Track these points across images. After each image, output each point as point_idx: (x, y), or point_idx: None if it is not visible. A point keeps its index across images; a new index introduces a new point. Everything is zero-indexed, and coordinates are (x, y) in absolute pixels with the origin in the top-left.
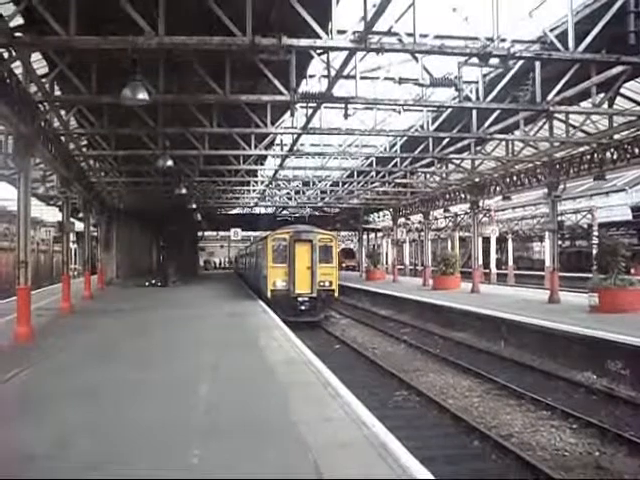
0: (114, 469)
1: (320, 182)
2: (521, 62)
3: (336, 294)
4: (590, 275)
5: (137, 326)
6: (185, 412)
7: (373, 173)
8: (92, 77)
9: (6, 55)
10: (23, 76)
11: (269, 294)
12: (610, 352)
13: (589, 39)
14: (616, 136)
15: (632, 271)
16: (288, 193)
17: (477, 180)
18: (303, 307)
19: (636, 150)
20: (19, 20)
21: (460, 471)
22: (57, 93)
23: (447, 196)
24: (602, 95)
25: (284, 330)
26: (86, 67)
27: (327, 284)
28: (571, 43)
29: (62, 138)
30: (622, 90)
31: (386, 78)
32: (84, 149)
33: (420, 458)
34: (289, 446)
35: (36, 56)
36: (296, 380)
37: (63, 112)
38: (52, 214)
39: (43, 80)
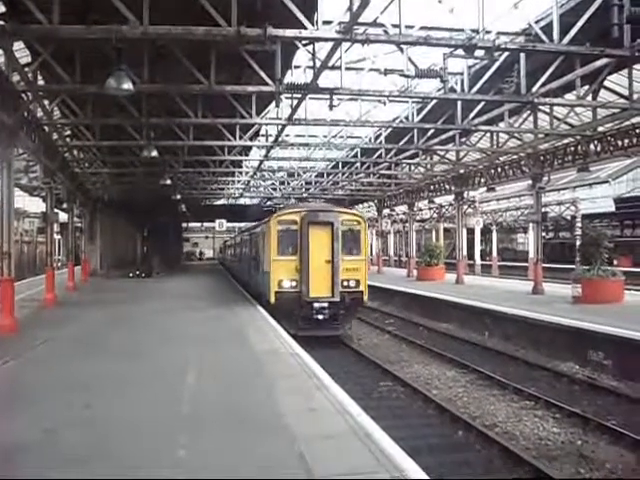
0: (99, 462)
1: (305, 173)
2: (506, 54)
3: (365, 298)
4: (573, 266)
5: (121, 318)
6: (170, 404)
7: (358, 164)
8: (76, 67)
9: None
10: (5, 65)
11: (272, 297)
12: (592, 342)
13: (574, 31)
14: (600, 128)
15: (615, 262)
16: (273, 184)
17: (462, 171)
18: (320, 316)
19: (619, 142)
20: (1, 8)
21: (444, 461)
22: (40, 82)
23: (432, 187)
24: (586, 87)
25: (270, 322)
26: (70, 56)
27: (353, 284)
28: (556, 35)
29: (45, 128)
30: (606, 83)
31: (371, 69)
32: (68, 139)
33: (404, 448)
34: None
35: (19, 45)
36: (281, 371)
37: (46, 102)
38: (36, 205)
39: (26, 69)
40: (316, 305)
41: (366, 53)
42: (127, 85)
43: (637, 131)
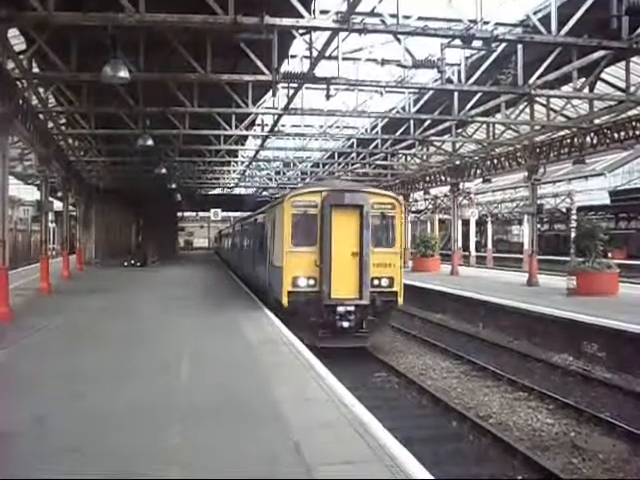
0: (94, 450)
1: (301, 163)
2: (504, 45)
3: (400, 300)
4: (568, 258)
5: (116, 306)
6: (166, 392)
7: (354, 154)
8: (71, 54)
9: None
10: (0, 52)
11: (284, 299)
12: (587, 334)
13: (571, 23)
14: (596, 121)
15: (609, 255)
16: (268, 174)
17: (457, 162)
18: (345, 323)
19: (615, 135)
20: None
21: (438, 451)
22: (35, 70)
23: (427, 178)
24: (583, 80)
25: (269, 316)
26: (65, 44)
27: (385, 283)
28: (554, 26)
29: (40, 116)
30: (603, 75)
31: (368, 59)
32: (63, 127)
33: (399, 438)
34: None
35: (13, 32)
36: (277, 361)
37: (42, 90)
38: (30, 193)
39: (21, 57)
40: (340, 309)
41: (363, 43)
42: (123, 73)
43: (633, 124)
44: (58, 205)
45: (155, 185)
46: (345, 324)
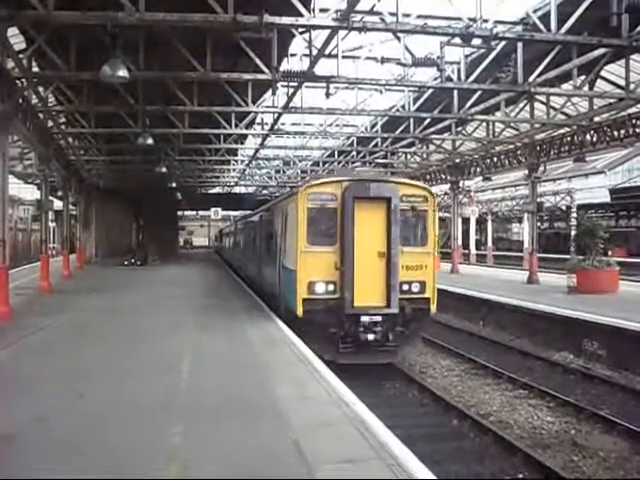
0: (91, 452)
1: (301, 162)
2: (503, 43)
3: (433, 309)
4: (568, 256)
5: (117, 306)
6: (166, 391)
7: (354, 153)
8: (71, 53)
9: None
10: (0, 51)
11: (299, 307)
12: (587, 332)
13: (571, 21)
14: (596, 118)
15: (609, 253)
16: (268, 172)
17: (457, 161)
18: (370, 336)
19: (615, 133)
20: None
21: (439, 449)
22: (35, 69)
23: (427, 176)
24: (583, 77)
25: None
26: (65, 43)
27: (416, 288)
28: (553, 25)
29: (40, 115)
30: (603, 73)
31: (368, 58)
32: (63, 126)
33: (399, 436)
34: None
35: (13, 31)
36: (277, 359)
37: (41, 89)
38: (30, 192)
39: (21, 56)
40: (364, 319)
41: (363, 41)
42: (122, 72)
43: (633, 121)
44: (58, 204)
45: (155, 184)
46: (370, 337)
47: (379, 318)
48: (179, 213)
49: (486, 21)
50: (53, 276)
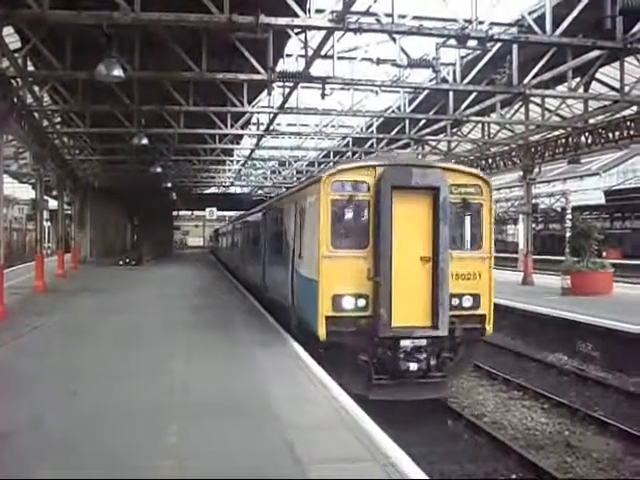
0: (87, 451)
1: (296, 162)
2: (499, 45)
3: (489, 329)
4: (563, 258)
5: (111, 305)
6: (162, 391)
7: (349, 154)
8: (66, 53)
9: None
10: None
11: (320, 328)
12: (581, 334)
13: (566, 23)
14: (591, 120)
15: (604, 254)
16: (264, 173)
17: (453, 162)
18: (412, 365)
19: (610, 135)
20: None
21: (434, 451)
22: (30, 69)
23: None
24: (578, 79)
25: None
26: (60, 42)
27: (468, 303)
28: (548, 27)
29: (35, 115)
30: (597, 75)
31: (364, 59)
32: (58, 126)
33: (393, 437)
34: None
35: (8, 30)
36: (273, 363)
37: (37, 88)
38: (25, 192)
39: (16, 55)
40: (405, 344)
41: (358, 42)
42: (118, 72)
43: (628, 123)
44: (53, 204)
45: (150, 184)
46: (412, 366)
47: (423, 342)
48: (174, 213)
49: (481, 23)
50: (48, 276)
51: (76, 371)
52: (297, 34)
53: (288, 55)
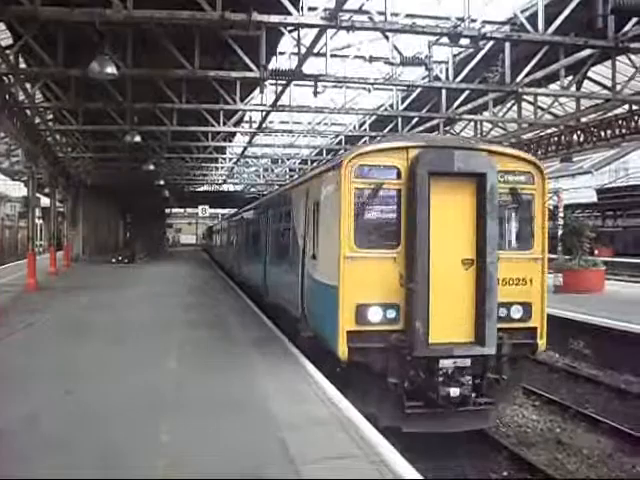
0: (79, 448)
1: (289, 160)
2: (491, 43)
3: (541, 344)
4: (555, 256)
5: (104, 303)
6: (154, 389)
7: (342, 151)
8: (59, 50)
9: None
10: None
11: (341, 344)
12: (573, 331)
13: (558, 22)
14: (583, 119)
15: (595, 252)
16: (257, 170)
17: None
18: (454, 390)
19: (602, 133)
20: None
21: (426, 448)
22: (22, 66)
23: None
24: (570, 78)
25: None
26: (53, 39)
27: (517, 313)
28: (541, 25)
29: (28, 112)
30: (590, 74)
31: (356, 56)
32: (50, 123)
33: (386, 435)
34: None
35: None
36: (266, 359)
37: (29, 85)
38: (17, 189)
39: (7, 52)
40: (445, 364)
41: (351, 40)
42: (110, 69)
43: (620, 122)
44: (45, 201)
45: (143, 181)
46: (454, 391)
47: (467, 362)
48: (167, 211)
49: (474, 21)
50: (40, 274)
51: (67, 368)
52: (290, 32)
53: (281, 53)
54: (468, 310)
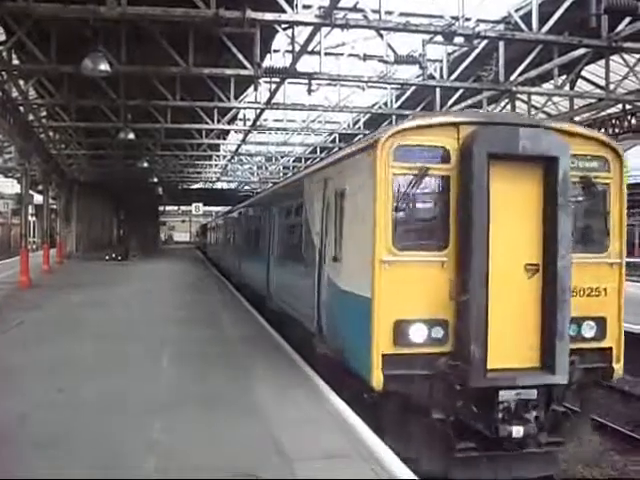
0: (73, 445)
1: (283, 158)
2: (485, 42)
3: (618, 369)
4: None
5: (97, 301)
6: (145, 387)
7: (336, 149)
8: (52, 46)
9: None
10: None
11: (375, 371)
12: None
13: (552, 21)
14: (577, 118)
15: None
16: (250, 168)
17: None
18: (516, 428)
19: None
20: None
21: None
22: (15, 62)
23: None
24: (564, 77)
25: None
26: (46, 36)
27: (590, 331)
28: (535, 24)
29: (21, 108)
30: (583, 73)
31: (350, 55)
32: (44, 120)
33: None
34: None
35: None
36: (258, 358)
37: (22, 82)
38: (10, 186)
39: (0, 48)
40: (505, 396)
41: (345, 38)
42: (104, 66)
43: (613, 121)
44: (38, 198)
45: (137, 179)
46: (517, 430)
47: (533, 393)
48: (160, 208)
49: (468, 20)
50: (33, 271)
51: (59, 366)
52: (284, 29)
53: (275, 50)
54: (533, 328)
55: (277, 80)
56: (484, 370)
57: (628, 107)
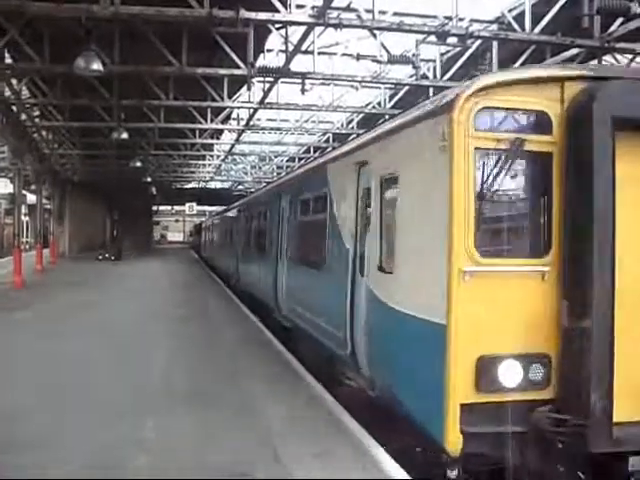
0: (67, 444)
1: (276, 157)
2: (479, 42)
3: None
4: None
5: (90, 301)
6: (139, 385)
7: (330, 149)
8: (45, 46)
9: None
10: None
11: (452, 429)
12: None
13: (545, 21)
14: None
15: None
16: (244, 168)
17: None
18: None
19: None
20: None
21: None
22: (8, 61)
23: None
24: None
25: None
26: (39, 35)
27: None
28: (528, 24)
29: (14, 108)
30: None
31: (344, 54)
32: (37, 120)
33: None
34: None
35: None
36: (254, 360)
37: (15, 81)
38: (3, 186)
39: None
40: (637, 464)
41: (339, 38)
42: (97, 65)
43: None
44: (32, 198)
45: (130, 178)
46: None
47: None
48: (154, 208)
49: (462, 20)
50: (26, 271)
51: (54, 364)
52: (278, 29)
53: (269, 50)
54: None
55: (270, 80)
56: (609, 428)
57: None
